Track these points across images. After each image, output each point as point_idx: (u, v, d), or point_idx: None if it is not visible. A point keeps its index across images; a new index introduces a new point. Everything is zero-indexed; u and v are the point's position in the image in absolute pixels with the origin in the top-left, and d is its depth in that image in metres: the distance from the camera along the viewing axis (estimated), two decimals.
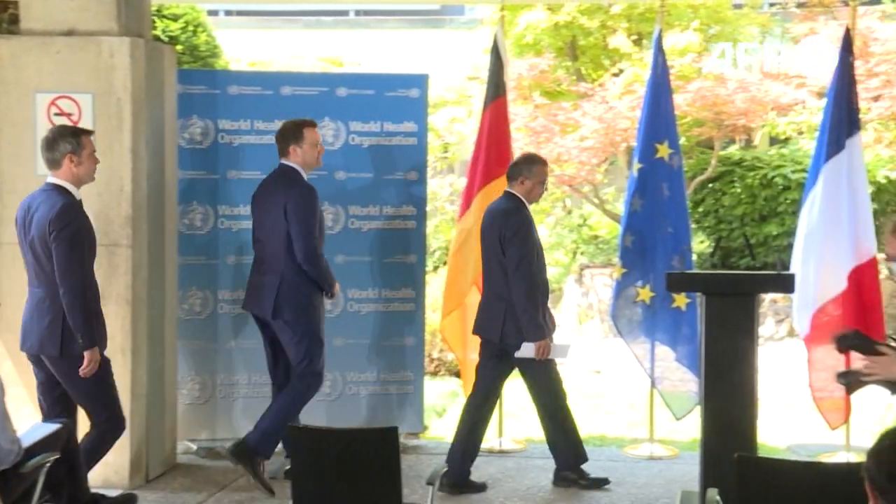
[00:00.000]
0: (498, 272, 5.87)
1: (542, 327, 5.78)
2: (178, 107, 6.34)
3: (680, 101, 10.29)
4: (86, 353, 4.94)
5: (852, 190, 6.38)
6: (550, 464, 6.13)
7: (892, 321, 10.40)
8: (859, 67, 8.30)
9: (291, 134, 5.88)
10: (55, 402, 5.19)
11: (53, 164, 5.02)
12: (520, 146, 10.79)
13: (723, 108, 11.38)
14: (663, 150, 6.61)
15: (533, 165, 5.98)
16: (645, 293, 6.65)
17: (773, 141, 13.87)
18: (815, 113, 11.44)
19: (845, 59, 6.45)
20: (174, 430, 6.33)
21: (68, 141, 5.00)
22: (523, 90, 12.60)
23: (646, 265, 6.65)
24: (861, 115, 6.98)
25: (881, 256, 6.14)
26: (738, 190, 11.93)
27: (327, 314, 6.53)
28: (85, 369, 4.96)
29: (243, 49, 14.41)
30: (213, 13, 14.44)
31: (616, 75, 12.87)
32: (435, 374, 9.62)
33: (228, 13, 19.21)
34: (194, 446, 6.59)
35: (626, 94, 11.74)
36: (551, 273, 13.00)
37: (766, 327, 11.02)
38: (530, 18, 13.45)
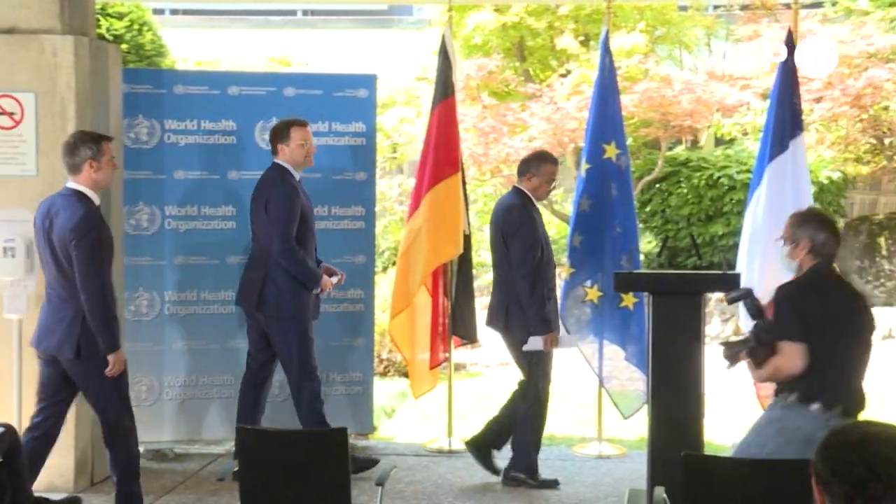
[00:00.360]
0: (502, 265, 6.03)
1: (547, 321, 5.89)
2: (124, 106, 6.27)
3: (627, 101, 10.38)
4: (109, 357, 4.97)
5: (796, 190, 6.46)
6: (501, 463, 6.14)
7: None
8: (801, 69, 8.40)
9: (279, 133, 5.97)
10: (53, 404, 5.19)
11: (74, 169, 5.04)
12: (468, 146, 10.82)
13: (669, 109, 11.49)
14: (611, 151, 6.66)
15: (542, 164, 6.07)
16: (593, 293, 6.69)
17: (719, 142, 14.05)
18: (759, 114, 11.58)
19: (788, 61, 6.54)
20: None
21: (88, 146, 5.02)
22: (472, 91, 12.63)
23: (594, 265, 6.69)
24: (803, 117, 7.07)
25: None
26: (685, 190, 12.06)
27: None
28: (111, 371, 4.99)
29: (190, 48, 14.28)
30: (158, 12, 14.31)
31: (564, 76, 12.94)
32: (384, 374, 9.60)
33: (174, 12, 19.04)
34: (141, 449, 6.51)
35: (574, 94, 11.81)
36: None
37: (713, 326, 11.14)
38: (478, 19, 13.48)
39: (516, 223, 5.94)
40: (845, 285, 4.71)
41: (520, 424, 6.03)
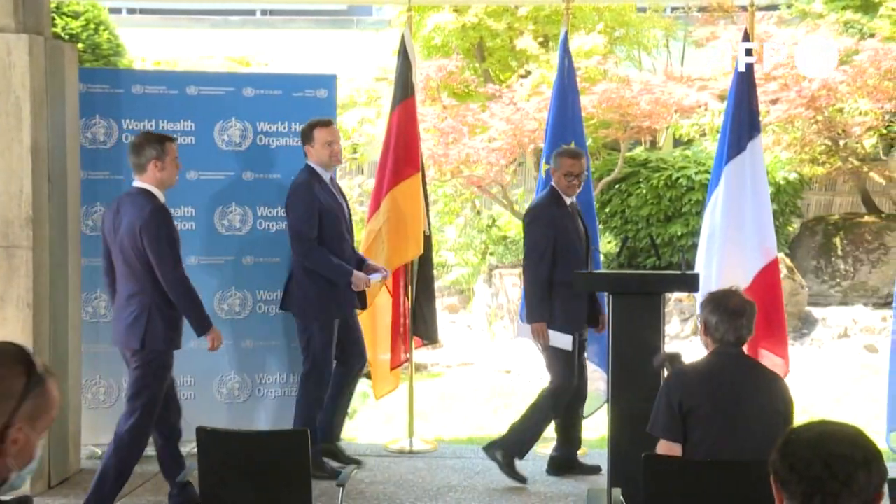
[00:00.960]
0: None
1: (535, 311, 5.95)
2: (81, 106, 6.20)
3: (586, 102, 10.42)
4: (207, 337, 5.36)
5: (754, 191, 6.52)
6: (461, 464, 6.16)
7: (792, 319, 10.69)
8: (758, 71, 8.49)
9: (304, 135, 6.10)
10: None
11: (139, 168, 5.23)
12: (428, 147, 10.82)
13: (628, 110, 11.56)
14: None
15: (558, 156, 6.11)
16: None
17: (677, 142, 14.15)
18: (717, 115, 11.69)
19: (745, 63, 6.60)
20: (78, 435, 6.19)
21: (153, 146, 5.22)
22: (432, 91, 12.64)
23: None
24: (760, 118, 7.15)
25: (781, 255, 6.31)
26: (644, 191, 12.13)
27: (235, 316, 6.48)
28: (211, 346, 5.41)
29: (147, 48, 14.17)
30: (115, 11, 14.20)
31: (523, 77, 12.99)
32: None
33: (131, 11, 18.87)
34: (99, 451, 6.44)
35: (534, 95, 11.85)
36: (460, 273, 13.11)
37: (672, 326, 11.23)
38: (438, 20, 13.49)
39: (530, 217, 6.12)
40: (749, 376, 4.04)
41: (530, 411, 6.08)
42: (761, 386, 3.96)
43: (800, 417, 3.90)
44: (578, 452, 6.69)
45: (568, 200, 6.07)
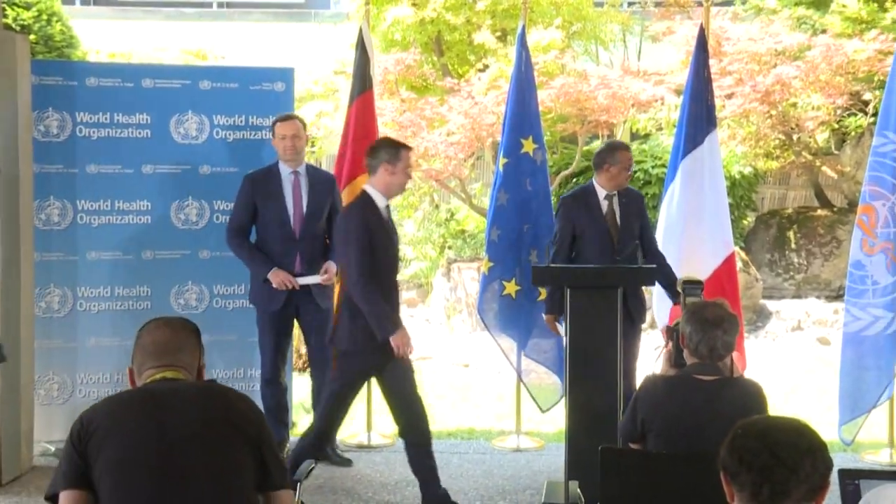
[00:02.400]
0: None
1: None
2: (33, 99, 6.13)
3: (544, 96, 10.44)
4: (391, 341, 5.20)
5: (710, 185, 6.59)
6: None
7: (747, 312, 10.80)
8: (713, 66, 8.56)
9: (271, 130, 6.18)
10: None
11: (371, 169, 5.32)
12: None
13: (586, 104, 11.58)
14: (528, 146, 6.71)
15: (616, 152, 6.19)
16: (511, 287, 6.73)
17: (634, 136, 14.22)
18: (673, 109, 11.76)
19: (700, 58, 6.66)
20: (30, 431, 6.12)
21: (387, 150, 5.30)
22: (390, 85, 12.59)
23: (512, 259, 6.74)
24: (716, 113, 7.21)
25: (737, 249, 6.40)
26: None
27: (192, 310, 6.45)
28: (398, 352, 5.22)
29: (102, 40, 14.00)
30: (68, 2, 14.02)
31: (481, 71, 12.98)
32: (303, 370, 9.53)
33: (85, 2, 18.66)
34: (52, 448, 6.38)
35: (492, 89, 11.85)
36: (418, 267, 13.10)
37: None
38: (397, 13, 13.45)
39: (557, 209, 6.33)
40: (714, 404, 3.73)
41: None
42: (724, 414, 3.48)
43: None
44: (536, 445, 6.74)
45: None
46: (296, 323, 6.30)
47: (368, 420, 6.87)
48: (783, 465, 2.27)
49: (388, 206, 5.35)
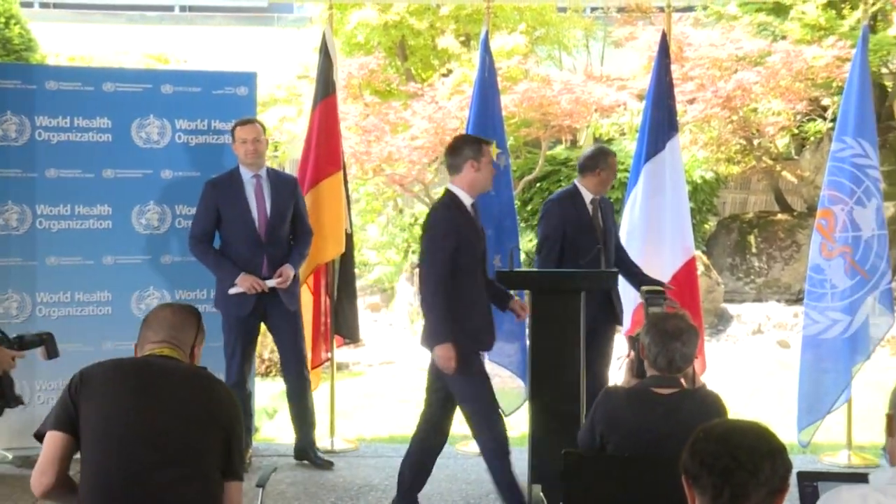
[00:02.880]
0: None
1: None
2: None
3: (507, 101, 10.48)
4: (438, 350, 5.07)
5: (672, 189, 6.64)
6: (382, 462, 6.15)
7: (708, 315, 10.89)
8: (675, 71, 8.63)
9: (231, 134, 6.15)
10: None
11: (455, 169, 5.20)
12: (350, 145, 10.79)
13: (549, 109, 11.64)
14: (492, 150, 6.71)
15: (609, 157, 6.25)
16: None
17: (598, 141, 14.30)
18: (636, 114, 11.84)
19: (662, 63, 6.71)
20: None
21: (471, 147, 5.20)
22: (354, 89, 12.59)
23: None
24: (678, 118, 7.27)
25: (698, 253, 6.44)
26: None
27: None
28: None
29: (62, 44, 13.89)
30: (26, 5, 13.89)
31: (445, 76, 13.01)
32: (266, 374, 9.50)
33: (44, 5, 18.52)
34: (9, 455, 6.31)
35: (455, 94, 11.88)
36: (382, 272, 13.09)
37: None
38: (361, 17, 13.45)
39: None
40: (671, 419, 3.65)
41: None
42: (683, 427, 3.18)
43: None
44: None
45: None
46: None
47: (331, 425, 6.86)
48: (743, 468, 2.30)
49: (474, 205, 5.24)
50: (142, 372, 3.28)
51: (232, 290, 5.96)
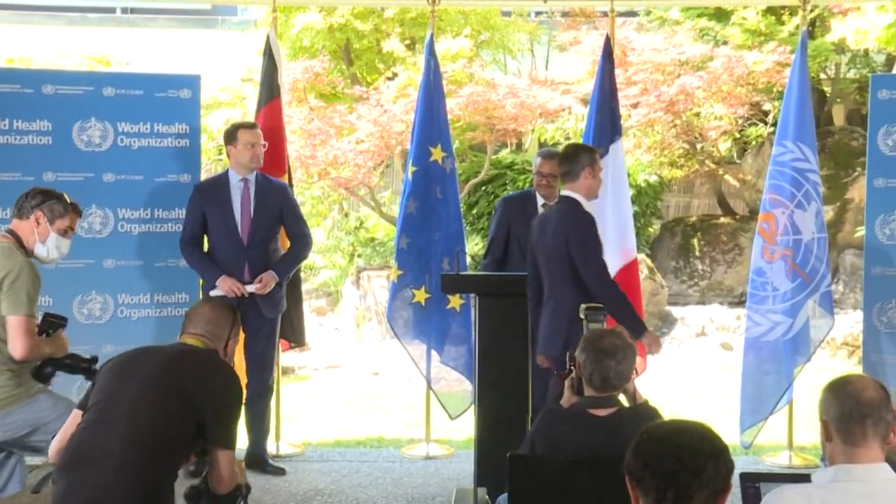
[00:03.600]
0: None
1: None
2: None
3: (453, 105, 10.50)
4: (642, 341, 5.08)
5: (615, 193, 6.68)
6: (328, 467, 6.12)
7: (653, 318, 10.99)
8: (619, 76, 8.70)
9: (228, 136, 6.18)
10: None
11: (572, 176, 5.26)
12: (295, 149, 10.74)
13: (494, 112, 11.68)
14: (437, 154, 6.73)
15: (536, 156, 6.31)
16: (420, 295, 6.74)
17: (542, 145, 14.38)
18: (580, 119, 11.92)
19: (606, 68, 6.76)
20: None
21: (587, 155, 5.30)
22: (298, 93, 12.53)
23: (421, 267, 6.74)
24: (622, 122, 7.33)
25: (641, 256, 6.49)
26: (510, 192, 12.27)
27: (96, 320, 6.32)
28: (649, 351, 5.27)
29: (0, 45, 13.67)
30: None
31: (390, 79, 12.99)
32: None
33: None
34: None
35: (401, 97, 11.87)
36: (328, 276, 13.04)
37: None
38: (305, 20, 13.39)
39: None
40: (612, 438, 3.59)
41: None
42: (622, 448, 3.01)
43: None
44: (446, 453, 6.76)
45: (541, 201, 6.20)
46: None
47: (277, 430, 6.81)
48: (687, 469, 2.32)
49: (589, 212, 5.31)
50: (153, 354, 3.74)
51: (212, 293, 5.96)
